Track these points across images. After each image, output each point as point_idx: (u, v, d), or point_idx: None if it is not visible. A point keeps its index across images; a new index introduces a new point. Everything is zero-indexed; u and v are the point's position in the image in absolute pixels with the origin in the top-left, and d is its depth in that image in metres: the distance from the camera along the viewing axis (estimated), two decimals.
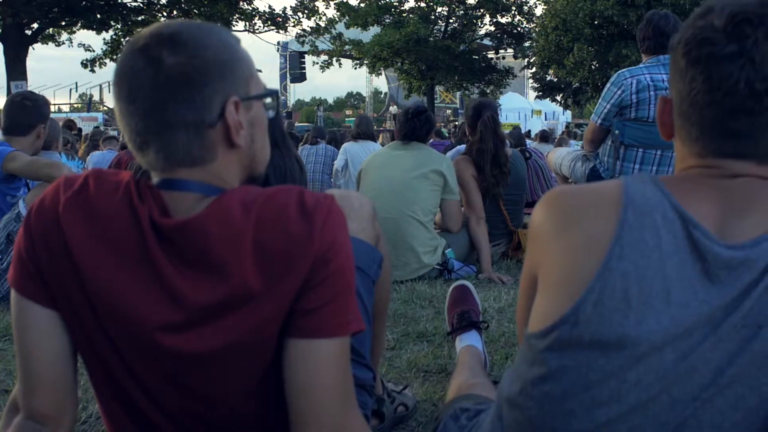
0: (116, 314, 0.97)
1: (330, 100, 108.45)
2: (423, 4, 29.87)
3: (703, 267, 0.89)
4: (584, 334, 0.91)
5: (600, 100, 3.68)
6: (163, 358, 0.98)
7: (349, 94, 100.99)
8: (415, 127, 3.59)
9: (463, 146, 5.53)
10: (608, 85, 3.65)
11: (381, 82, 47.08)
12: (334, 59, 21.86)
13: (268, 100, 1.11)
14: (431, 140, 13.42)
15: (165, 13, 16.84)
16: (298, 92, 53.82)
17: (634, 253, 0.90)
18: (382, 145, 14.07)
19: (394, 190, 3.48)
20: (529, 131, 20.38)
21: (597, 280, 0.91)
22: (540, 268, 1.01)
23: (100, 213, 0.98)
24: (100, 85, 38.28)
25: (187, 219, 0.96)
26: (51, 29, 16.06)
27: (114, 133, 13.23)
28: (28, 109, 3.28)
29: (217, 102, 0.98)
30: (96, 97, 43.26)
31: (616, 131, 3.56)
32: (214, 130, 0.99)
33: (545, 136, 11.46)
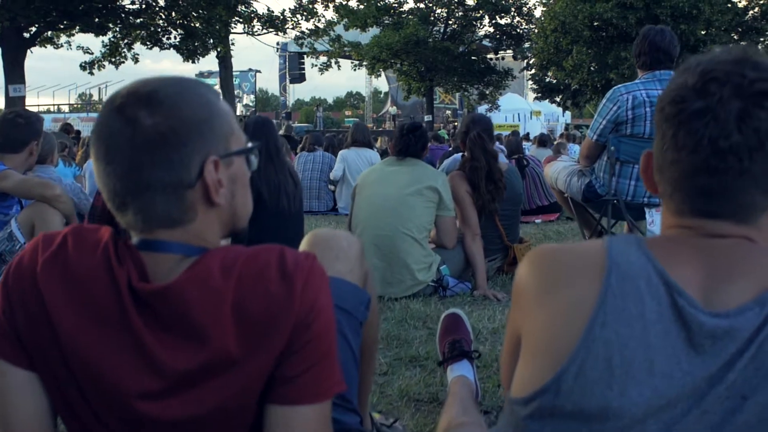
0: (94, 379, 0.96)
1: (330, 100, 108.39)
2: (422, 5, 29.86)
3: (687, 336, 0.88)
4: (566, 404, 0.89)
5: (596, 115, 3.67)
6: (142, 424, 0.97)
7: (349, 94, 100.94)
8: (410, 144, 3.58)
9: (460, 154, 5.56)
10: (604, 101, 3.64)
11: (381, 82, 47.09)
12: (333, 61, 21.82)
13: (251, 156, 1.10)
14: (431, 145, 13.43)
15: (163, 16, 16.81)
16: (297, 92, 53.95)
17: (617, 322, 0.89)
18: (382, 147, 14.10)
19: (389, 207, 3.47)
20: (528, 134, 20.39)
21: (579, 349, 0.89)
22: (523, 330, 1.00)
23: (78, 275, 0.97)
24: (99, 88, 38.24)
25: (166, 285, 0.94)
26: (49, 32, 16.01)
27: None
28: (21, 127, 3.26)
29: (195, 162, 0.97)
30: (95, 97, 43.25)
31: (612, 147, 3.54)
32: (193, 190, 0.98)
33: (543, 141, 11.45)
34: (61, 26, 15.57)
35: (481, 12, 29.37)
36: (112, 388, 0.95)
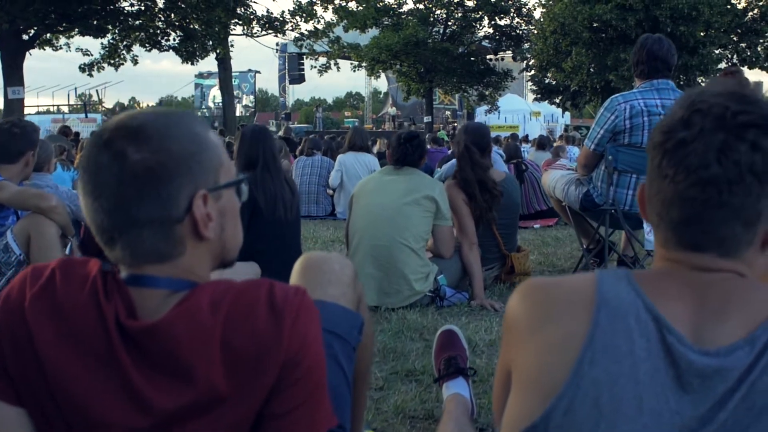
0: (81, 416, 0.95)
1: (329, 100, 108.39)
2: (421, 6, 29.85)
3: (676, 374, 0.87)
4: None
5: (593, 125, 3.67)
6: None
7: (349, 94, 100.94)
8: (407, 153, 3.57)
9: None
10: (601, 110, 3.64)
11: (380, 82, 47.07)
12: (332, 63, 21.81)
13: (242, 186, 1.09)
14: (430, 148, 13.41)
15: (162, 18, 16.80)
16: (297, 92, 53.98)
17: (606, 359, 0.89)
18: (381, 150, 14.08)
19: (386, 217, 3.46)
20: (527, 135, 20.38)
21: (568, 387, 0.89)
22: (513, 364, 0.99)
23: (67, 310, 0.97)
24: (98, 90, 38.24)
25: (154, 322, 0.94)
26: (48, 34, 16.00)
27: None
28: (17, 137, 3.25)
29: (184, 196, 0.96)
30: (95, 98, 43.22)
31: (610, 157, 3.54)
32: (182, 225, 0.97)
33: (542, 143, 11.43)
34: (60, 28, 15.55)
35: (480, 13, 29.37)
36: (99, 425, 0.95)
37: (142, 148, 0.94)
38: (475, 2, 29.54)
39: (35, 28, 14.64)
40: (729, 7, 22.09)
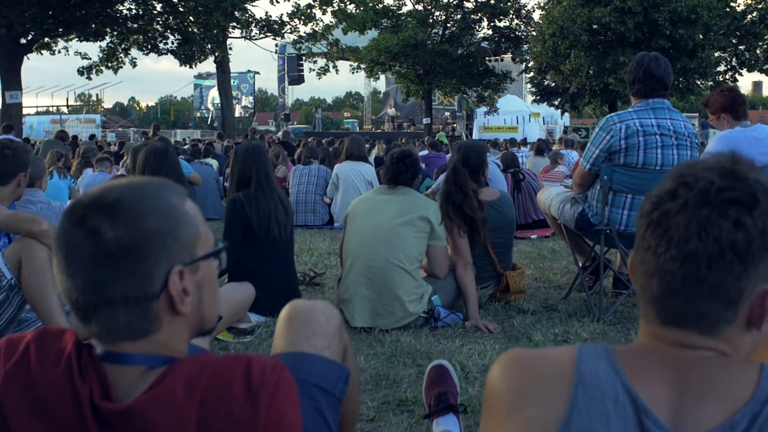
0: None
1: (329, 100, 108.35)
2: (420, 8, 29.82)
3: None
4: None
5: (588, 144, 3.65)
6: None
7: (348, 94, 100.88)
8: (400, 172, 3.55)
9: None
10: (596, 129, 3.62)
11: (380, 82, 47.05)
12: (331, 65, 21.79)
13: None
14: (426, 153, 13.35)
15: (161, 21, 16.78)
16: (296, 92, 54.01)
17: None
18: (379, 155, 14.06)
19: (380, 238, 3.44)
20: (525, 139, 20.35)
21: None
22: None
23: (40, 389, 0.95)
24: (95, 93, 38.31)
25: (129, 405, 0.92)
26: (46, 38, 15.98)
27: (111, 139, 13.16)
28: (9, 158, 3.23)
29: (159, 273, 0.95)
30: (94, 98, 43.26)
31: (605, 177, 3.52)
32: (158, 301, 0.96)
33: (540, 149, 11.40)
34: (58, 32, 15.53)
35: (479, 15, 29.35)
36: None
37: (116, 226, 0.92)
38: (474, 4, 29.53)
39: (33, 32, 14.63)
40: (728, 10, 22.10)
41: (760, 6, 22.25)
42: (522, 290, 3.99)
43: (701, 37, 20.91)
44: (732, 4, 22.58)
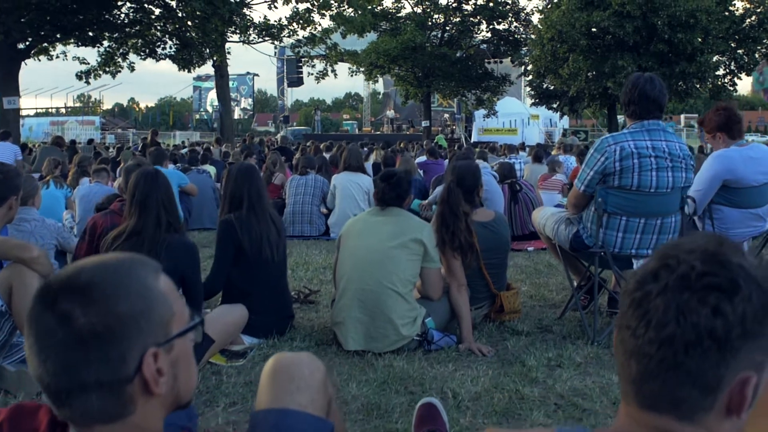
0: None
1: (328, 101, 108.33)
2: (419, 10, 29.81)
3: None
4: None
5: (583, 165, 3.63)
6: None
7: (348, 95, 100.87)
8: (384, 192, 3.54)
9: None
10: (591, 150, 3.60)
11: (380, 84, 47.01)
12: (329, 69, 21.75)
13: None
14: (424, 159, 13.30)
15: (159, 26, 16.75)
16: (296, 93, 53.95)
17: None
18: (377, 161, 14.01)
19: (373, 260, 3.43)
20: (524, 143, 20.30)
21: None
22: None
23: None
24: (94, 96, 38.34)
25: None
26: (44, 43, 15.96)
27: (108, 142, 13.14)
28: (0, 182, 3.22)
29: (133, 356, 0.93)
30: (94, 98, 43.27)
31: (600, 199, 3.50)
32: (132, 384, 0.94)
33: (539, 156, 11.35)
34: (56, 38, 15.50)
35: (478, 17, 29.34)
36: None
37: (89, 312, 0.91)
38: (473, 7, 29.53)
39: (30, 38, 14.60)
40: (727, 14, 22.10)
41: (759, 10, 22.24)
42: (517, 310, 3.97)
43: (700, 41, 20.89)
44: (731, 8, 22.58)
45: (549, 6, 25.71)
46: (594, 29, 21.61)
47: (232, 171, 3.77)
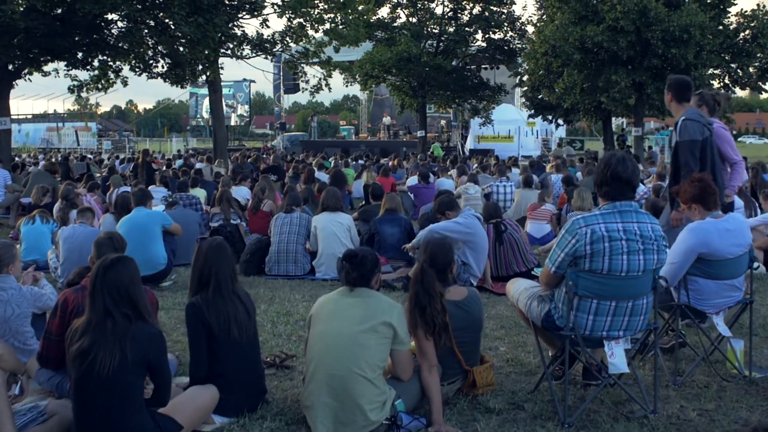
0: None
1: (326, 103, 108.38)
2: (414, 20, 29.81)
3: None
4: None
5: (555, 246, 3.61)
6: None
7: (346, 97, 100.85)
8: (348, 273, 3.53)
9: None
10: (563, 231, 3.58)
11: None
12: (323, 83, 21.69)
13: None
14: (415, 182, 13.26)
15: (150, 44, 16.70)
16: (294, 95, 53.77)
17: None
18: (368, 182, 13.99)
19: (341, 345, 3.41)
20: (516, 159, 20.27)
21: None
22: None
23: None
24: (96, 99, 38.33)
25: None
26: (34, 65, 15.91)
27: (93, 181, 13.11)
28: None
29: None
30: (92, 101, 43.24)
31: (570, 282, 3.49)
32: None
33: (528, 181, 11.30)
34: (46, 60, 15.44)
35: (473, 27, 29.35)
36: None
37: None
38: (468, 16, 29.54)
39: (19, 61, 14.54)
40: (721, 28, 22.10)
41: (752, 24, 22.24)
42: (490, 383, 3.95)
43: (693, 56, 20.88)
44: (725, 22, 22.58)
45: (543, 19, 25.71)
46: (588, 44, 21.58)
47: (203, 248, 3.75)
